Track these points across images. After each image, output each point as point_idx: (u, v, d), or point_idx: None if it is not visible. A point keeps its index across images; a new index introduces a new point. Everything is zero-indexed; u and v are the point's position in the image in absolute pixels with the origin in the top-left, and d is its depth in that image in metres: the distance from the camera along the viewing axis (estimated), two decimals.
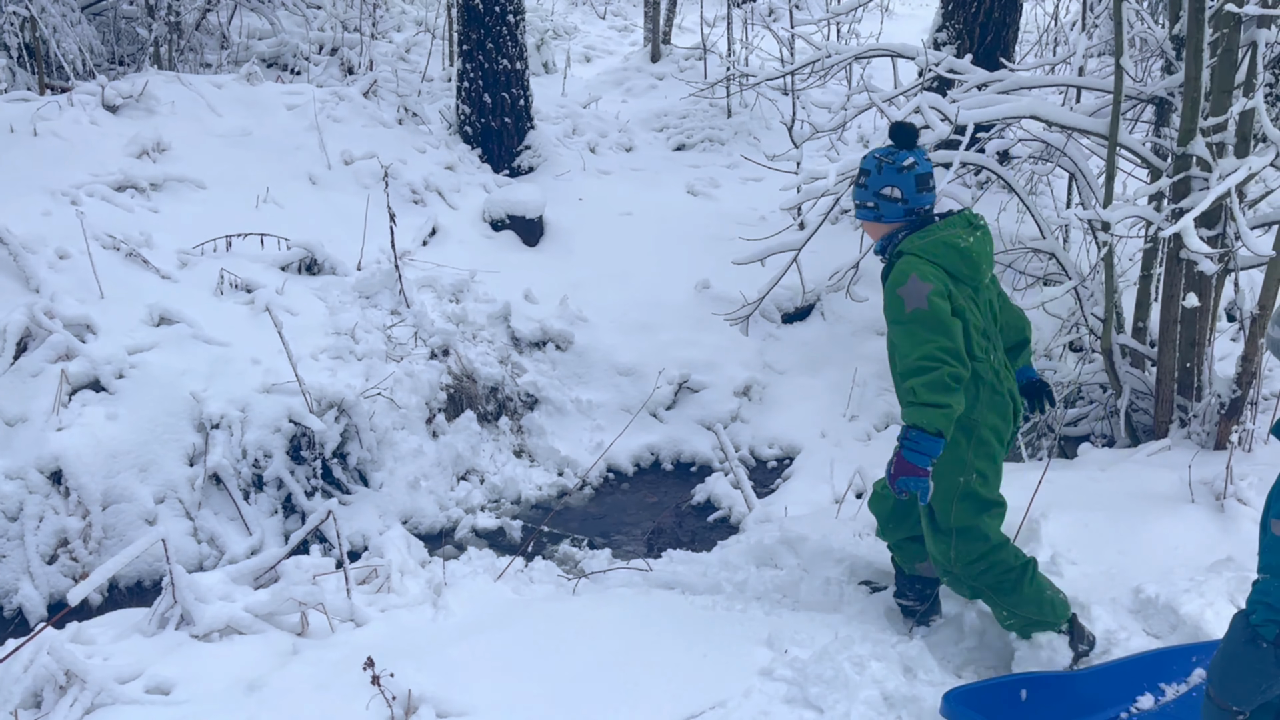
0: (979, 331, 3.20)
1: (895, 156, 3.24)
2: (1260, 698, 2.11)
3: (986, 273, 3.25)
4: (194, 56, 9.73)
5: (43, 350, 4.62)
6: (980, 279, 3.22)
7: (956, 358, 3.03)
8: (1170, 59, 5.07)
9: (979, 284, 3.22)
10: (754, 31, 11.79)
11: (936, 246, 3.16)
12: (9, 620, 4.13)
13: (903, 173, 3.21)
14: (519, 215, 7.04)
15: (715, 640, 3.42)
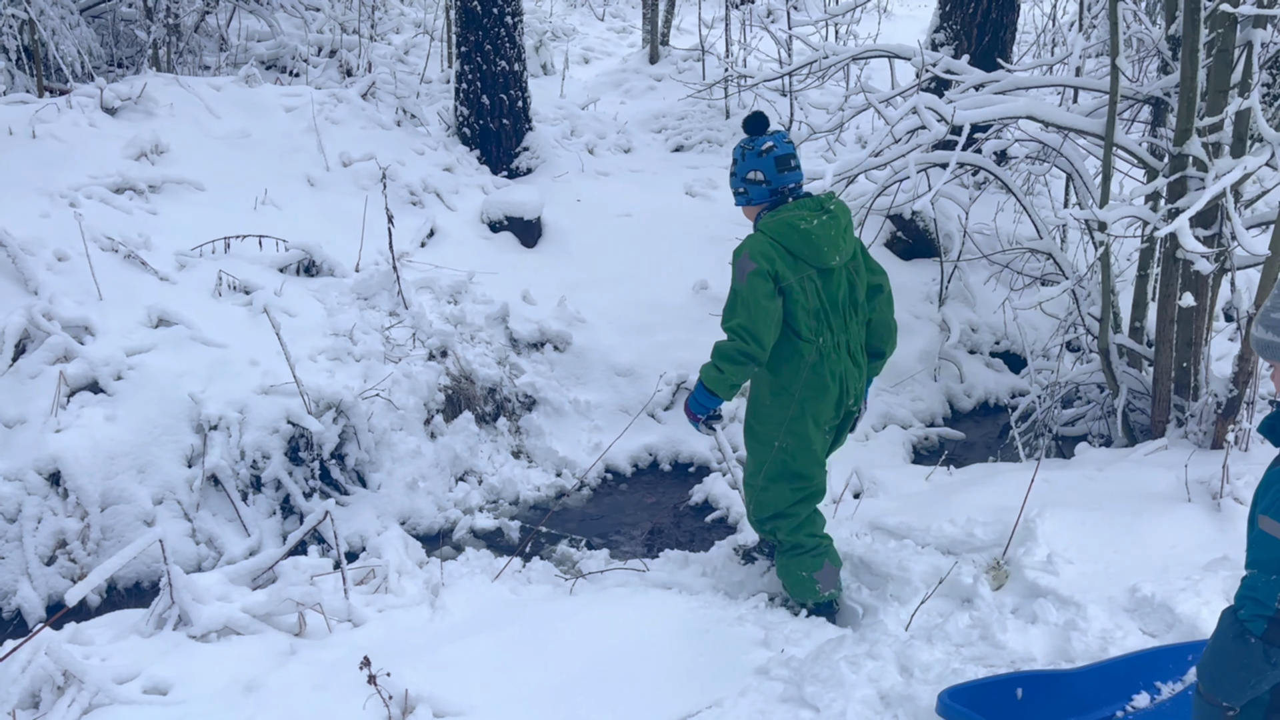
0: (809, 313, 3.42)
1: (755, 143, 3.49)
2: (1250, 693, 2.13)
3: (833, 256, 3.41)
4: (193, 59, 9.74)
5: (41, 352, 4.63)
6: (824, 260, 3.40)
7: (753, 338, 3.33)
8: (1166, 59, 5.08)
9: (824, 265, 3.41)
10: (752, 33, 11.81)
11: (780, 226, 3.39)
12: (8, 621, 4.13)
13: (762, 156, 3.47)
14: (517, 217, 7.05)
15: (712, 640, 3.43)
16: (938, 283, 6.93)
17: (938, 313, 6.80)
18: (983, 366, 6.78)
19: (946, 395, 6.48)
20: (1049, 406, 5.62)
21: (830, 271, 3.44)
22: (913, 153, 5.12)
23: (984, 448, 6.00)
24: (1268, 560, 2.04)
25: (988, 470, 5.00)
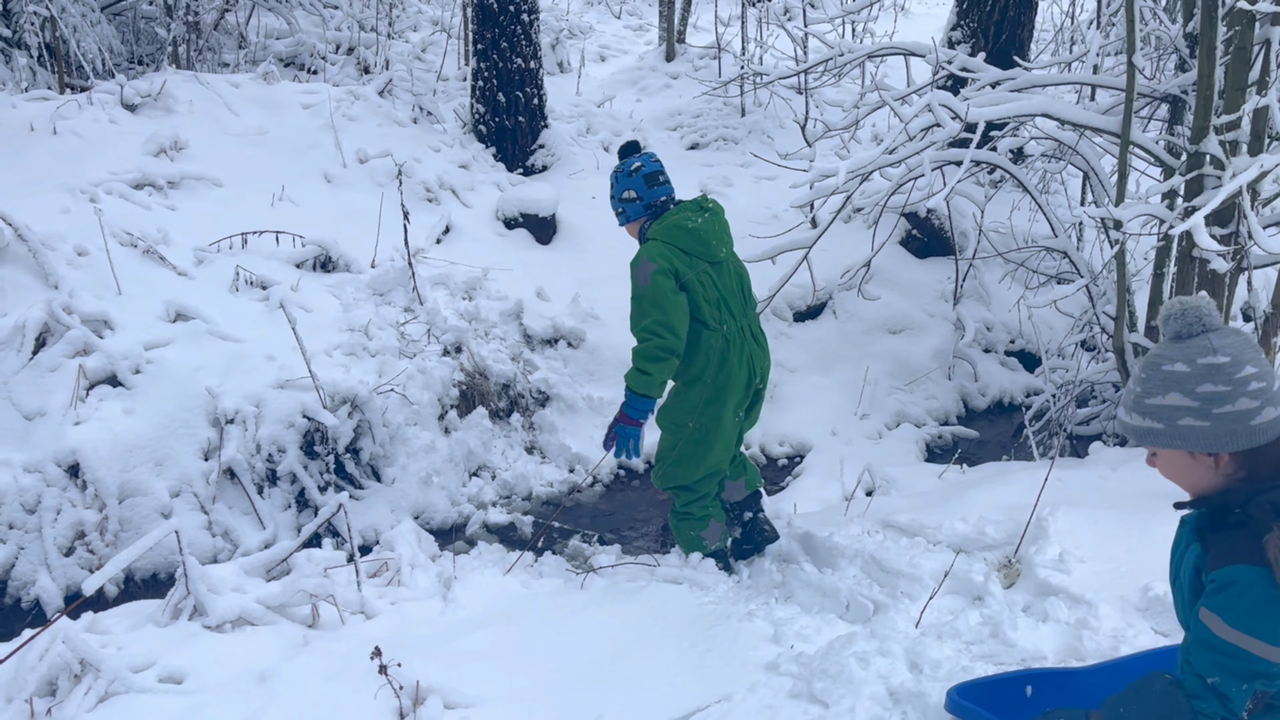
0: (710, 302, 3.71)
1: (625, 165, 3.86)
2: None
3: (720, 249, 3.76)
4: (212, 56, 9.81)
5: (61, 346, 4.68)
6: (713, 254, 3.74)
7: (669, 330, 3.57)
8: (1183, 56, 5.06)
9: (714, 258, 3.74)
10: (768, 30, 11.80)
11: (670, 229, 3.70)
12: (26, 611, 4.18)
13: (632, 176, 3.83)
14: (532, 214, 7.07)
15: (721, 635, 3.44)
16: (952, 281, 6.92)
17: (952, 311, 6.79)
18: (997, 365, 6.76)
19: (960, 394, 6.47)
20: (1063, 405, 5.60)
21: (720, 263, 3.79)
22: (927, 150, 5.11)
23: (997, 446, 5.99)
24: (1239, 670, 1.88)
25: (1001, 469, 4.99)
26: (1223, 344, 1.89)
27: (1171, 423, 1.93)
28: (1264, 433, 1.87)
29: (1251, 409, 1.86)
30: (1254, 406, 1.86)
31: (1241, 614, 1.86)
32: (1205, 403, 1.88)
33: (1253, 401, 1.86)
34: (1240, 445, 1.88)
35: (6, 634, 3.72)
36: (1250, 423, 1.87)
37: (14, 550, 4.27)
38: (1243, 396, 1.86)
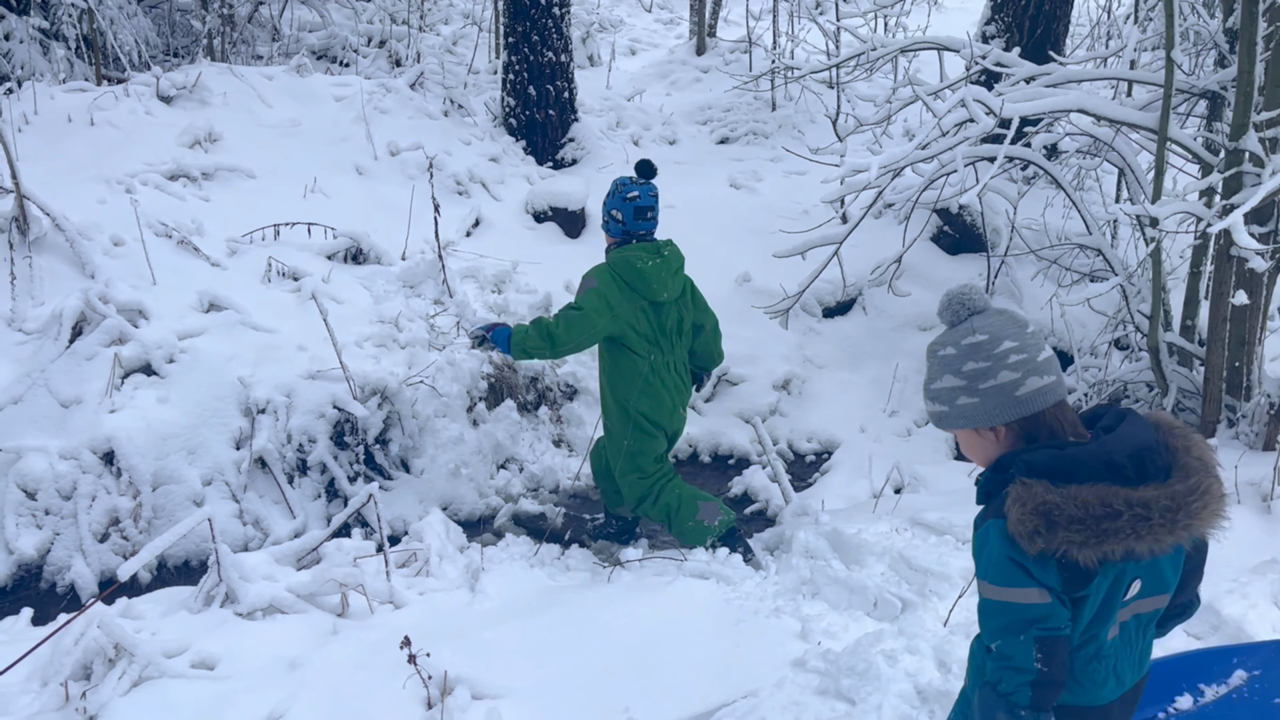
0: (641, 336, 4.12)
1: (626, 187, 4.14)
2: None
3: (661, 292, 4.10)
4: (246, 49, 9.90)
5: (97, 334, 4.74)
6: (654, 295, 4.09)
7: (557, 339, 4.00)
8: (1223, 52, 4.98)
9: (654, 299, 4.10)
10: (800, 25, 11.74)
11: (620, 261, 4.06)
12: (61, 596, 4.25)
13: (626, 202, 4.12)
14: (561, 207, 7.08)
15: (748, 631, 3.43)
16: (984, 278, 6.86)
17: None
18: None
19: None
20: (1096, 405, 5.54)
21: (661, 305, 4.14)
22: (960, 146, 5.06)
23: None
24: (1007, 625, 1.90)
25: None
26: (983, 324, 1.98)
27: (951, 403, 2.01)
28: (1030, 402, 1.93)
29: (1014, 380, 1.93)
30: (1016, 378, 1.93)
31: (989, 571, 1.92)
32: (972, 380, 1.97)
33: (1014, 374, 1.93)
34: (1010, 416, 1.94)
35: (42, 618, 3.79)
36: (1015, 394, 1.93)
37: (50, 536, 4.34)
38: (1003, 370, 1.94)
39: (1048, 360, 1.96)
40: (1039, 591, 1.86)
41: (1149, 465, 1.88)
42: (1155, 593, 1.99)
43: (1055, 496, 1.82)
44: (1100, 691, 2.03)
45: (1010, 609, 1.89)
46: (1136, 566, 1.93)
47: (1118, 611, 1.97)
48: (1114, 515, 1.80)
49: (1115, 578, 1.92)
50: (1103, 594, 1.92)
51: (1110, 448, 1.87)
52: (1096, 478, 1.84)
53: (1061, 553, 1.82)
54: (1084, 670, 2.00)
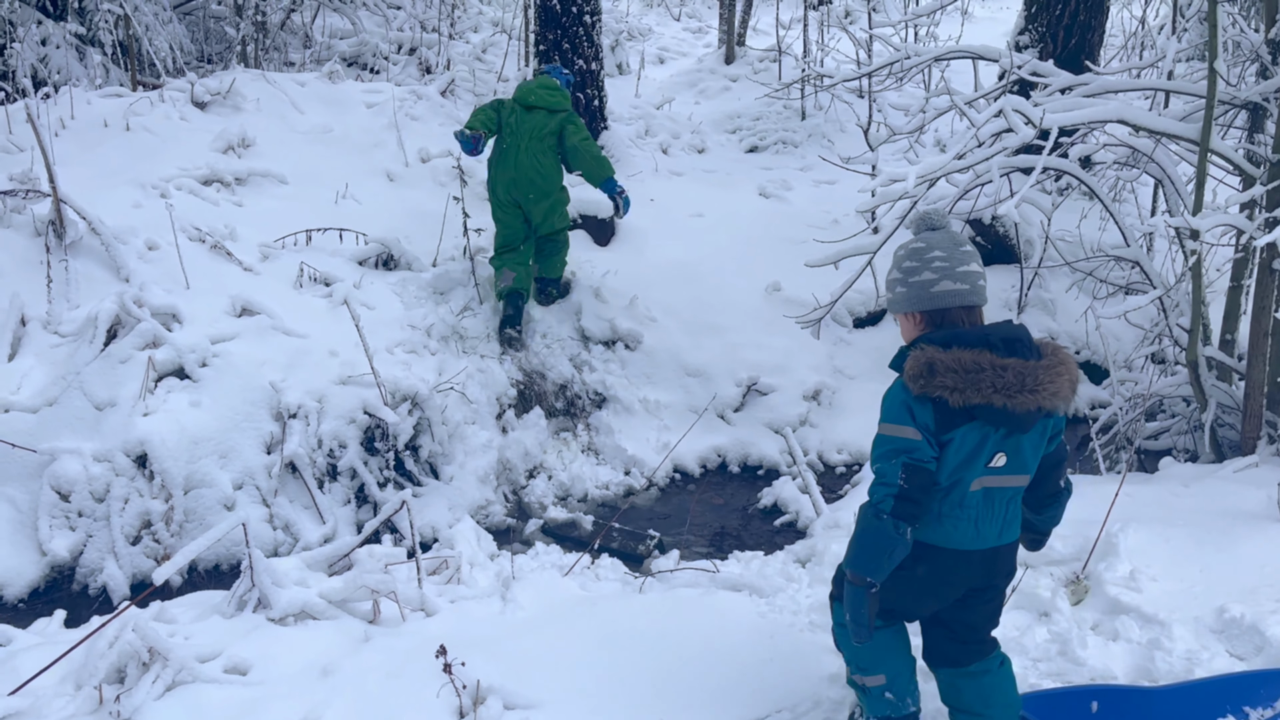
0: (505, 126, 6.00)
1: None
2: (888, 566, 2.50)
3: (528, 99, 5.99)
4: (278, 55, 9.97)
5: (131, 338, 4.77)
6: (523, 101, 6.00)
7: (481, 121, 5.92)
8: (1265, 63, 4.91)
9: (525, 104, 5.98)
10: (830, 33, 11.71)
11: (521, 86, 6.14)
12: (93, 598, 4.26)
13: None
14: (591, 215, 7.07)
15: (782, 644, 3.40)
16: (1017, 290, 6.80)
17: (1016, 320, 6.67)
18: None
19: None
20: (1132, 419, 5.46)
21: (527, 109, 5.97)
22: (997, 156, 5.01)
23: None
24: (886, 452, 2.50)
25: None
26: (928, 237, 2.60)
27: (892, 290, 2.64)
28: (941, 299, 2.54)
29: (932, 279, 2.55)
30: (934, 278, 2.55)
31: (885, 411, 2.55)
32: (905, 274, 2.60)
33: (934, 275, 2.55)
34: (924, 306, 2.57)
35: (74, 620, 3.80)
36: (931, 290, 2.55)
37: (83, 538, 4.36)
38: (927, 270, 2.56)
39: (966, 273, 2.54)
40: (914, 430, 2.48)
41: (1018, 348, 2.50)
42: (1017, 471, 2.57)
43: (939, 354, 2.45)
44: (960, 537, 2.58)
45: (893, 440, 2.50)
46: (1001, 440, 2.51)
47: (981, 471, 2.53)
48: (979, 370, 2.42)
49: (980, 439, 2.50)
50: (968, 447, 2.50)
51: (988, 331, 2.52)
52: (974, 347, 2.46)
53: (937, 395, 2.43)
54: (950, 513, 2.56)
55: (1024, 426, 2.49)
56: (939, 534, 2.58)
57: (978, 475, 2.53)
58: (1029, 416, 2.46)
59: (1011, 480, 2.58)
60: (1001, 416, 2.45)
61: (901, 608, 2.73)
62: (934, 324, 2.55)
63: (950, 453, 2.50)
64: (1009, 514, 2.62)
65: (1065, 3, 7.77)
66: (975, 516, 2.57)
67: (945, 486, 2.54)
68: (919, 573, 2.61)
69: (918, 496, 2.47)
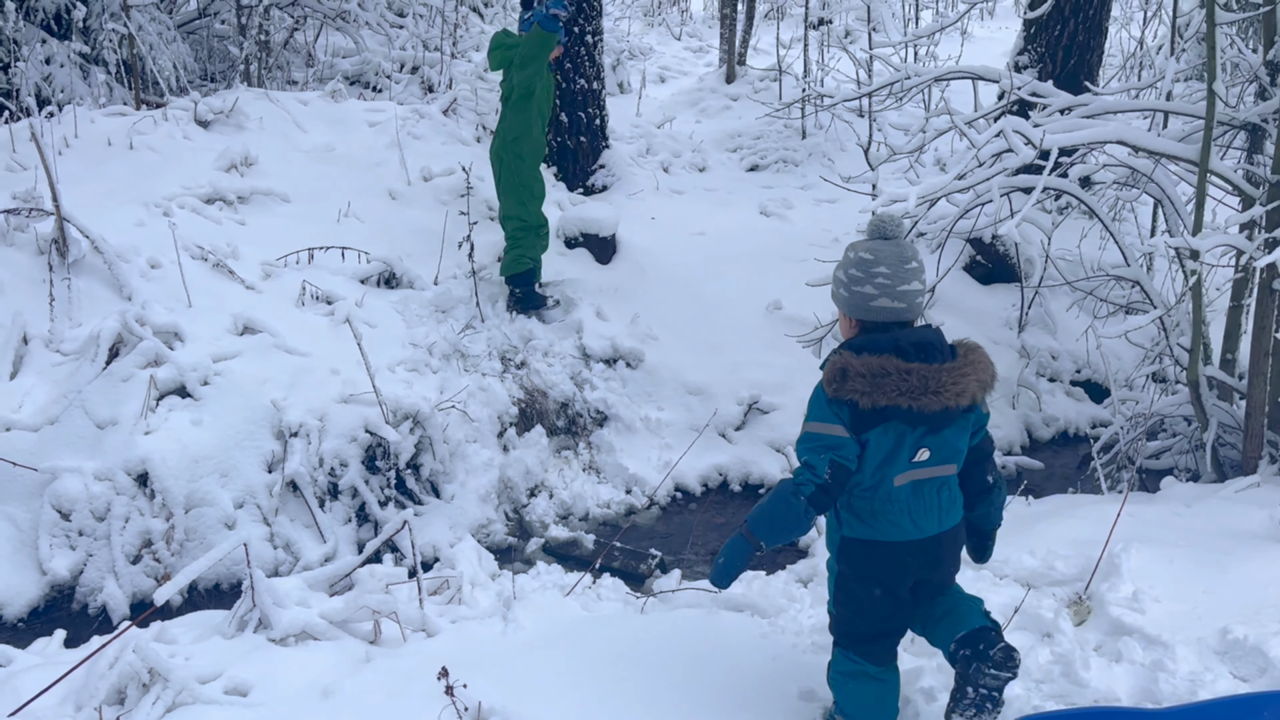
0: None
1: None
2: (784, 540, 2.77)
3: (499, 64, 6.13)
4: (281, 74, 10.02)
5: (133, 356, 4.77)
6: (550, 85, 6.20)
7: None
8: (1264, 84, 4.94)
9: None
10: (830, 53, 11.77)
11: None
12: (93, 617, 4.25)
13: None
14: (592, 233, 7.09)
15: (785, 666, 3.39)
16: (1017, 308, 6.81)
17: (1017, 339, 6.68)
18: (1063, 395, 6.63)
19: (1025, 424, 6.35)
20: (1134, 438, 5.46)
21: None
22: (997, 176, 5.04)
23: (1062, 479, 5.86)
24: (816, 447, 2.68)
25: (1068, 501, 4.88)
26: (877, 248, 2.73)
27: (836, 289, 2.81)
28: (876, 313, 2.72)
29: (872, 294, 2.71)
30: (874, 294, 2.71)
31: (811, 411, 2.75)
32: (849, 280, 2.75)
33: (875, 290, 2.71)
34: (859, 315, 2.75)
35: (74, 640, 3.79)
36: (869, 304, 2.72)
37: (83, 557, 4.36)
38: (869, 284, 2.71)
39: (905, 292, 2.70)
40: (840, 428, 2.66)
41: (929, 352, 2.67)
42: (942, 461, 2.74)
43: (852, 360, 2.64)
44: (896, 530, 2.74)
45: (821, 437, 2.69)
46: (921, 437, 2.69)
47: (905, 466, 2.70)
48: (884, 374, 2.61)
49: (897, 438, 2.68)
50: (885, 446, 2.68)
51: (899, 336, 2.68)
52: (884, 353, 2.64)
53: (850, 399, 2.62)
54: (882, 509, 2.74)
55: (940, 423, 2.68)
56: (877, 530, 2.76)
57: (901, 470, 2.71)
58: (944, 415, 2.65)
59: (938, 470, 2.75)
60: (913, 416, 2.64)
61: (874, 620, 2.87)
62: (866, 331, 2.75)
63: (870, 452, 2.70)
64: (943, 500, 2.78)
65: (1064, 23, 7.82)
66: (907, 509, 2.74)
67: (871, 485, 2.73)
68: (873, 572, 2.81)
69: (835, 491, 2.68)
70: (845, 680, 2.92)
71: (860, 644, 2.88)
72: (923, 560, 2.80)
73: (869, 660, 2.89)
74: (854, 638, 2.89)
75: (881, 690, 2.92)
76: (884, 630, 2.90)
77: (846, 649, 2.91)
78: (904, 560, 2.78)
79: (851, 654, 2.90)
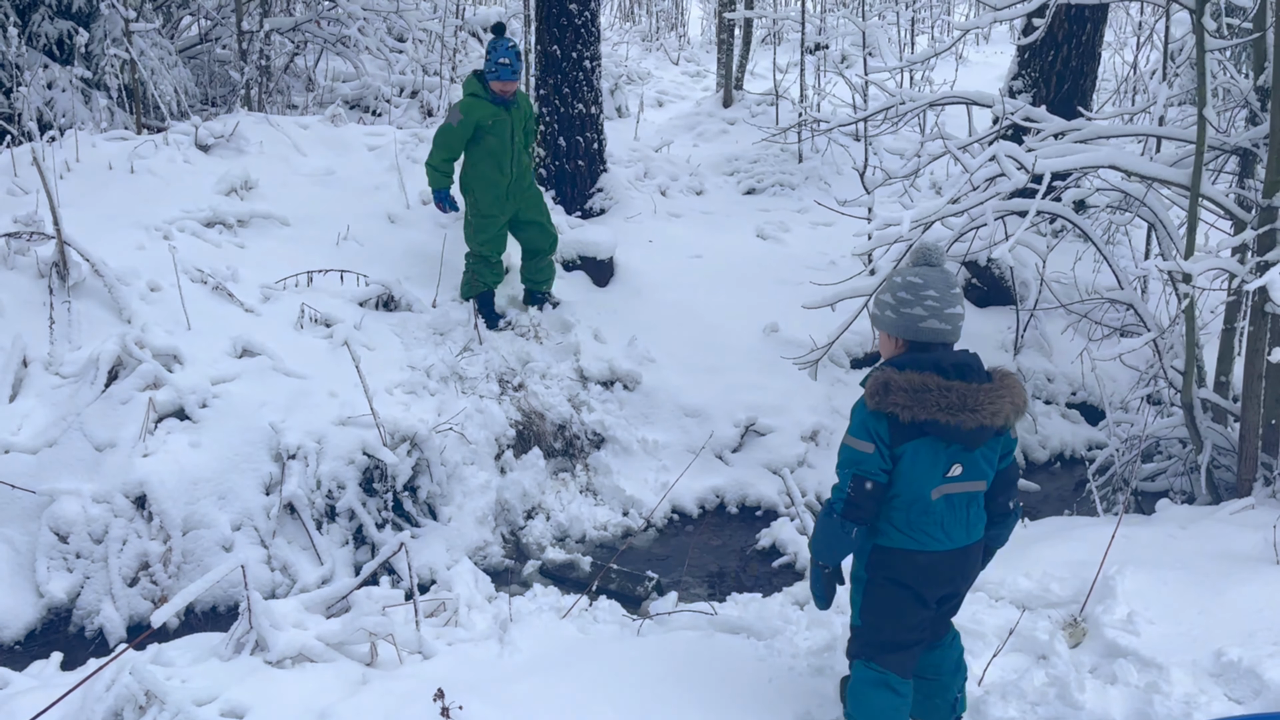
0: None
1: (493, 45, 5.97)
2: (840, 555, 2.97)
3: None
4: (282, 98, 10.09)
5: (132, 379, 4.79)
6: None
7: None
8: (1255, 110, 4.99)
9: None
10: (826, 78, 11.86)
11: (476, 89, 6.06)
12: (90, 640, 4.25)
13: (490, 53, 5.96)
14: (590, 256, 7.13)
15: (781, 688, 3.39)
16: (1013, 331, 6.84)
17: (1013, 361, 6.71)
18: (1058, 417, 6.65)
19: (1021, 446, 6.37)
20: (1129, 460, 5.48)
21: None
22: (991, 200, 5.08)
23: (1058, 501, 5.88)
24: (844, 461, 2.91)
25: (1064, 524, 4.90)
26: (925, 273, 2.91)
27: (882, 311, 2.98)
28: (923, 333, 2.90)
29: (922, 315, 2.89)
30: (924, 315, 2.89)
31: (850, 424, 2.93)
32: (898, 303, 2.92)
33: (924, 312, 2.88)
34: (907, 335, 2.92)
35: (71, 662, 3.79)
36: (918, 324, 2.89)
37: (80, 579, 4.36)
38: (919, 306, 2.89)
39: (952, 315, 2.89)
40: (869, 444, 2.85)
41: (967, 372, 2.85)
42: (973, 478, 2.92)
43: (894, 375, 2.82)
44: (930, 540, 2.91)
45: (849, 451, 2.90)
46: (955, 453, 2.86)
47: (939, 480, 2.87)
48: (926, 390, 2.78)
49: (933, 453, 2.85)
50: (922, 460, 2.85)
51: (940, 356, 2.87)
52: (925, 371, 2.82)
53: (890, 411, 2.80)
54: (918, 521, 2.90)
55: (974, 442, 2.85)
56: (912, 540, 2.92)
57: (936, 484, 2.88)
58: (978, 433, 2.83)
59: (970, 486, 2.93)
60: (949, 432, 2.81)
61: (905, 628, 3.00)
62: (911, 351, 2.92)
63: (905, 465, 2.87)
64: (971, 515, 2.96)
65: (1058, 49, 7.89)
66: (940, 520, 2.91)
67: (908, 498, 2.90)
68: (906, 578, 2.95)
69: (863, 503, 2.87)
70: (867, 690, 3.01)
71: (886, 653, 2.99)
72: (952, 570, 2.97)
73: (894, 670, 2.99)
74: (881, 647, 3.00)
75: (899, 705, 3.00)
76: (910, 640, 3.01)
77: (870, 659, 3.02)
78: (937, 569, 2.94)
79: (875, 664, 3.00)
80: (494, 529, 5.25)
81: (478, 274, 6.30)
